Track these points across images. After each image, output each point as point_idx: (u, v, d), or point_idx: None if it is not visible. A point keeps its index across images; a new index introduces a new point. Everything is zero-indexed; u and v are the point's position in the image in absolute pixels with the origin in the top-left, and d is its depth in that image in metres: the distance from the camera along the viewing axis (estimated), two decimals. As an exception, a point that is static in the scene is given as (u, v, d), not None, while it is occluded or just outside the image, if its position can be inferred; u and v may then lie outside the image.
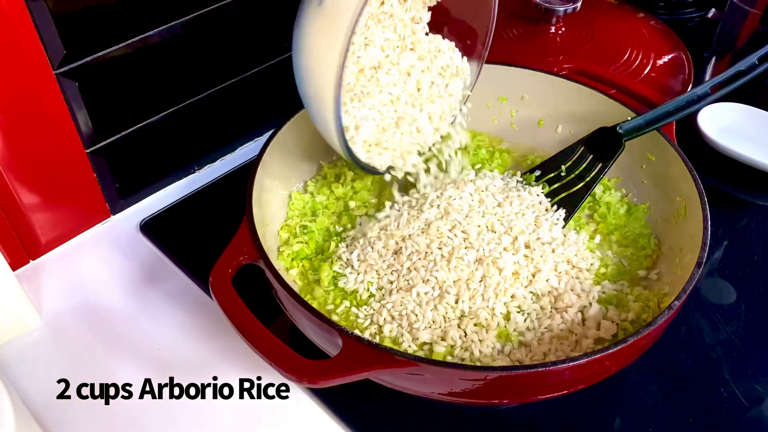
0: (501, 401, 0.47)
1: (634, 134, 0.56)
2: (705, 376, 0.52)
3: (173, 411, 0.50)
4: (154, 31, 0.58)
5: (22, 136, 0.54)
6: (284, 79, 0.71)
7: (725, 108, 0.71)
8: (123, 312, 0.57)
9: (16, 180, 0.55)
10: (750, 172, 0.67)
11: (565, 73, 0.69)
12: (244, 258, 0.47)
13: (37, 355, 0.54)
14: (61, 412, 0.50)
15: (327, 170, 0.61)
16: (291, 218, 0.58)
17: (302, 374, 0.41)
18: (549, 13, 0.75)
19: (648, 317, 0.49)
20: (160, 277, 0.60)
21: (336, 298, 0.52)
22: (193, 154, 0.69)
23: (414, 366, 0.41)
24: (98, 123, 0.58)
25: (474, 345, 0.48)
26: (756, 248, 0.62)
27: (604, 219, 0.58)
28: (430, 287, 0.50)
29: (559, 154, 0.59)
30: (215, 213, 0.64)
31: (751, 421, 0.50)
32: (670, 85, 0.72)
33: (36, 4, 0.49)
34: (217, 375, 0.52)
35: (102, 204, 0.63)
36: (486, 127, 0.66)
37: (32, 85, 0.52)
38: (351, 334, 0.42)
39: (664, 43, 0.76)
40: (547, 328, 0.49)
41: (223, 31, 0.64)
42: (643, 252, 0.55)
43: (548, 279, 0.51)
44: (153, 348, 0.54)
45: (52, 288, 0.59)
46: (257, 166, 0.53)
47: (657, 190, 0.57)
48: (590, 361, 0.41)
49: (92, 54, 0.55)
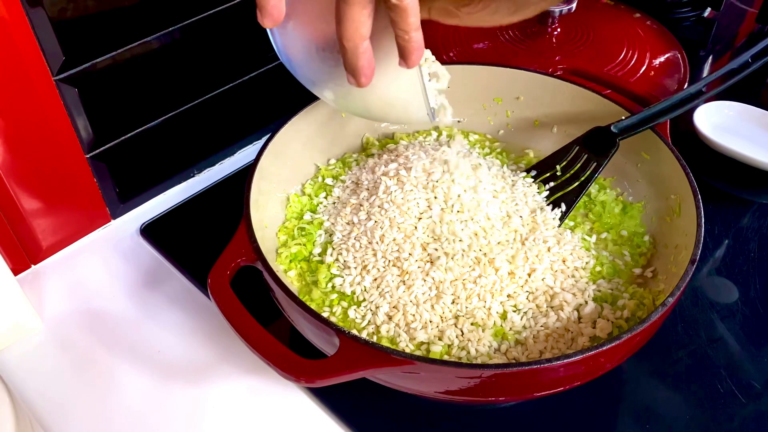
0: (497, 399, 0.48)
1: (629, 133, 0.57)
2: (702, 373, 0.53)
3: (174, 412, 0.51)
4: (152, 36, 0.58)
5: (23, 141, 0.55)
6: (282, 83, 0.71)
7: (721, 106, 0.71)
8: (124, 315, 0.58)
9: (17, 185, 0.56)
10: (746, 170, 0.67)
11: (561, 74, 0.69)
12: (242, 260, 0.48)
13: (38, 359, 0.54)
14: (62, 415, 0.51)
15: (324, 172, 0.62)
16: (289, 220, 0.58)
17: (300, 374, 0.42)
18: (545, 14, 0.76)
19: (643, 314, 0.50)
20: (160, 280, 0.60)
21: (333, 299, 0.52)
22: (192, 159, 0.69)
23: (410, 364, 0.42)
24: (98, 128, 0.59)
25: (471, 344, 0.48)
26: (752, 245, 0.62)
27: (599, 218, 0.58)
28: (427, 287, 0.50)
29: (555, 154, 0.60)
30: (215, 216, 0.65)
31: (748, 417, 0.50)
32: (665, 84, 0.72)
33: (35, 11, 0.50)
34: (217, 376, 0.53)
35: (102, 208, 0.64)
36: (482, 128, 0.66)
37: (32, 91, 0.53)
38: (348, 333, 0.43)
39: (660, 42, 0.77)
40: (543, 326, 0.49)
41: (221, 36, 0.64)
42: (638, 250, 0.55)
43: (544, 278, 0.51)
44: (153, 350, 0.55)
45: (54, 292, 0.59)
46: (254, 169, 0.54)
47: (652, 189, 0.58)
48: (585, 358, 0.42)
49: (91, 60, 0.56)
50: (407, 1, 0.39)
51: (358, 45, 0.41)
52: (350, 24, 0.40)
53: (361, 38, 0.41)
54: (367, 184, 0.58)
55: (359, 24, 0.40)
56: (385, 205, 0.54)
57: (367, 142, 0.65)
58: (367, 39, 0.41)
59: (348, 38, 0.41)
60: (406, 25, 0.40)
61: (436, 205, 0.53)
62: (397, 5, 0.39)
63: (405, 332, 0.49)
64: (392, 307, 0.50)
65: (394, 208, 0.53)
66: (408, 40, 0.41)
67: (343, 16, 0.40)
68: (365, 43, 0.41)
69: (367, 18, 0.40)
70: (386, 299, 0.50)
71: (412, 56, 0.42)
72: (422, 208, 0.54)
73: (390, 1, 0.39)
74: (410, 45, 0.41)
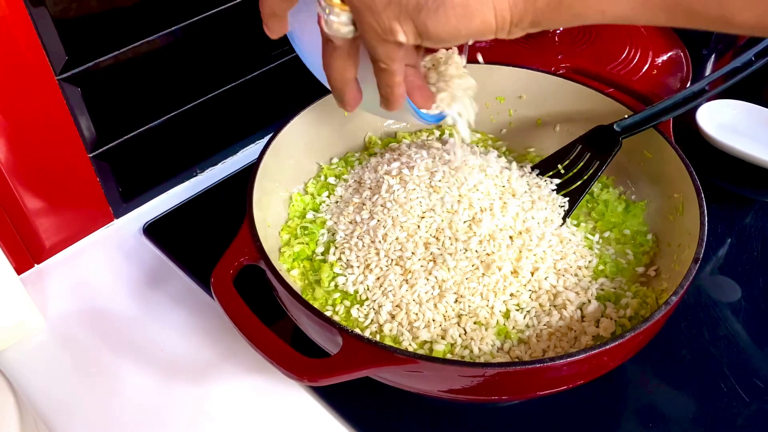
0: (500, 398, 0.48)
1: (631, 132, 0.56)
2: (705, 372, 0.53)
3: (177, 411, 0.51)
4: (155, 35, 0.58)
5: (26, 141, 0.55)
6: (284, 82, 0.72)
7: (724, 105, 0.71)
8: (127, 314, 0.58)
9: (20, 185, 0.56)
10: (749, 169, 0.67)
11: (563, 73, 0.69)
12: (245, 259, 0.48)
13: (42, 357, 0.55)
14: (66, 413, 0.51)
15: (326, 171, 0.62)
16: (292, 219, 0.58)
17: (303, 372, 0.42)
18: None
19: (646, 313, 0.50)
20: (163, 279, 0.60)
21: (336, 298, 0.52)
22: (194, 158, 0.69)
23: (413, 363, 0.42)
24: (101, 128, 0.59)
25: (473, 343, 0.48)
26: (755, 244, 0.62)
27: (602, 216, 0.58)
28: (429, 286, 0.50)
29: (557, 152, 0.60)
30: (217, 215, 0.65)
31: (751, 415, 0.50)
32: (668, 83, 0.72)
33: (38, 10, 0.50)
34: (220, 375, 0.53)
35: (105, 208, 0.64)
36: (484, 127, 0.66)
37: (35, 90, 0.53)
38: (351, 332, 0.43)
39: (663, 41, 0.77)
40: (546, 325, 0.49)
41: (224, 35, 0.64)
42: (641, 249, 0.55)
43: (547, 277, 0.51)
44: (157, 349, 0.55)
45: (57, 291, 0.60)
46: (257, 168, 0.54)
47: (654, 188, 0.57)
48: (588, 357, 0.42)
49: (94, 59, 0.56)
50: (394, 67, 0.41)
51: (342, 88, 0.45)
52: (334, 71, 0.44)
53: (345, 82, 0.45)
54: (370, 183, 0.58)
55: (343, 71, 0.44)
56: (388, 204, 0.54)
57: (370, 141, 0.65)
58: (352, 80, 0.45)
59: (335, 80, 0.45)
60: (392, 82, 0.43)
61: (439, 204, 0.53)
62: (385, 69, 0.42)
63: (408, 331, 0.49)
64: (395, 306, 0.50)
65: (396, 207, 0.54)
66: (391, 93, 0.44)
67: (328, 66, 0.44)
68: (351, 82, 0.45)
69: (350, 66, 0.43)
70: (389, 298, 0.50)
71: (393, 106, 0.45)
72: (425, 206, 0.54)
73: (378, 64, 0.42)
74: (392, 98, 0.44)
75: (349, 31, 0.40)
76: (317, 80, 0.52)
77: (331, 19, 0.40)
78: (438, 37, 0.38)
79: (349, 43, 0.42)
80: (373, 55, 0.41)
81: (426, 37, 0.38)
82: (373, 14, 0.38)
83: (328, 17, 0.40)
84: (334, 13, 0.40)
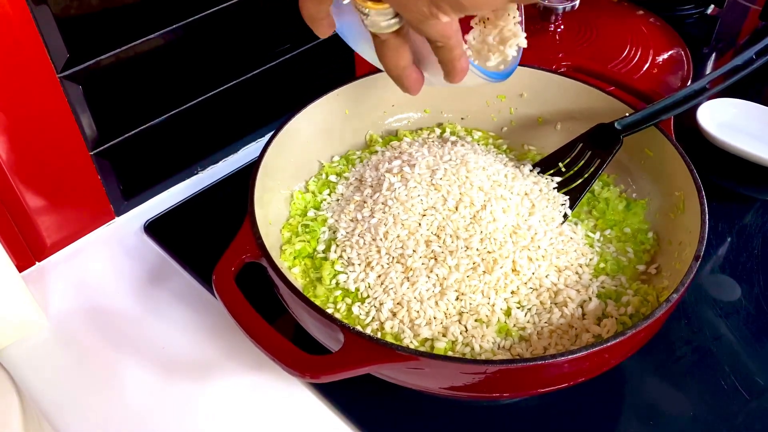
0: (502, 395, 0.48)
1: (632, 130, 0.56)
2: (705, 370, 0.53)
3: (178, 408, 0.51)
4: (157, 33, 0.59)
5: (27, 139, 0.55)
6: (285, 81, 0.72)
7: (725, 104, 0.71)
8: (128, 312, 0.58)
9: (22, 183, 0.56)
10: (750, 168, 0.67)
11: (564, 71, 0.69)
12: (246, 256, 0.48)
13: (44, 355, 0.55)
14: (68, 410, 0.51)
15: (327, 169, 0.62)
16: (293, 217, 0.58)
17: (305, 369, 0.42)
18: (548, 11, 0.76)
19: (647, 311, 0.50)
20: (164, 277, 0.60)
21: (338, 295, 0.52)
22: (196, 156, 0.69)
23: (415, 360, 0.42)
24: (102, 125, 0.59)
25: (475, 340, 0.48)
26: (756, 243, 0.62)
27: (603, 214, 0.58)
28: (431, 284, 0.51)
29: (558, 151, 0.60)
30: (219, 213, 0.65)
31: (751, 413, 0.50)
32: (669, 81, 0.72)
33: (39, 8, 0.50)
34: (222, 372, 0.53)
35: (106, 206, 0.64)
36: (485, 125, 0.66)
37: (36, 88, 0.53)
38: (352, 329, 0.43)
39: (663, 40, 0.77)
40: (547, 322, 0.50)
41: (226, 34, 0.64)
42: (642, 247, 0.55)
43: (548, 274, 0.52)
44: (158, 347, 0.55)
45: (58, 289, 0.60)
46: (258, 166, 0.54)
47: (655, 186, 0.58)
48: (589, 354, 0.42)
49: (95, 57, 0.56)
50: (451, 43, 0.41)
51: (401, 74, 0.45)
52: (389, 62, 0.44)
53: (401, 69, 0.45)
54: (371, 181, 0.58)
55: (396, 60, 0.44)
56: (389, 202, 0.54)
57: (371, 139, 0.65)
58: (408, 65, 0.45)
59: (390, 69, 0.45)
60: (452, 57, 0.43)
61: (440, 202, 0.53)
62: (442, 47, 0.42)
63: (409, 328, 0.49)
64: (396, 303, 0.50)
65: (397, 205, 0.54)
66: (453, 68, 0.44)
67: (381, 58, 0.44)
68: (407, 69, 0.45)
69: (403, 53, 0.44)
70: (390, 296, 0.50)
71: (457, 78, 0.45)
72: (426, 204, 0.54)
73: (435, 43, 0.42)
74: (455, 71, 0.44)
75: (391, 24, 0.41)
76: (317, 79, 0.52)
77: (371, 20, 0.41)
78: (475, 6, 0.38)
79: (395, 32, 0.42)
80: (427, 38, 0.41)
81: (465, 8, 0.38)
82: (408, 7, 0.39)
83: (367, 18, 0.41)
84: (372, 14, 0.40)
